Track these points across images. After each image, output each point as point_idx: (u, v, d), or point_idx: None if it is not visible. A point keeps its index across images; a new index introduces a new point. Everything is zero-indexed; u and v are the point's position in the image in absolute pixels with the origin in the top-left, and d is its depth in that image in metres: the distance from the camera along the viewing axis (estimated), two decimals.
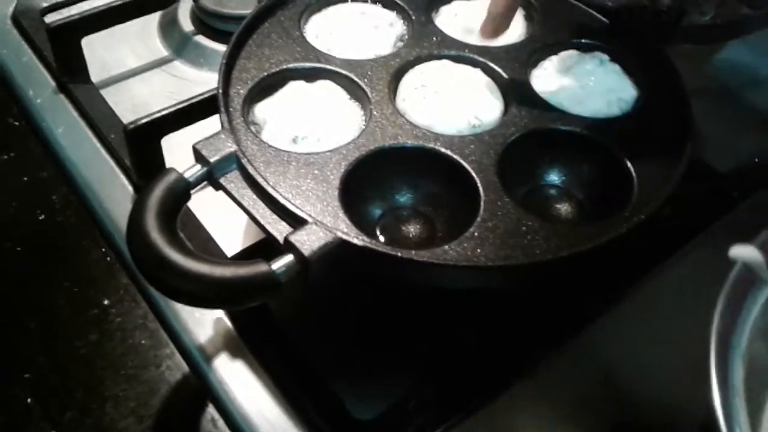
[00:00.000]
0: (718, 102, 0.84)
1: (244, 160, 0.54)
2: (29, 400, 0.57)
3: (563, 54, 0.68)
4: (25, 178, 0.73)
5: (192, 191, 0.55)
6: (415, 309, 0.59)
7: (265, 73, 0.64)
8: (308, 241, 0.50)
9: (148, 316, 0.62)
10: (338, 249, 0.50)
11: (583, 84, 0.65)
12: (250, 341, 0.59)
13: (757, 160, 0.75)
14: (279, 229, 0.52)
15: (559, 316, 0.59)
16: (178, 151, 0.68)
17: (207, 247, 0.65)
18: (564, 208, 0.61)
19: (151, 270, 0.49)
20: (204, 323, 0.60)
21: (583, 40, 0.69)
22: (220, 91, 0.60)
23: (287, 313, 0.60)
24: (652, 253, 0.62)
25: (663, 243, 0.63)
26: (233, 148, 0.55)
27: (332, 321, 0.61)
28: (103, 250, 0.67)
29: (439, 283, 0.53)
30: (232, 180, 0.55)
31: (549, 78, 0.66)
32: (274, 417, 0.55)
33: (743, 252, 0.49)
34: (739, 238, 0.64)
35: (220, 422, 0.56)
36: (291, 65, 0.65)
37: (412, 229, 0.60)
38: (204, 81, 0.83)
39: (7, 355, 0.59)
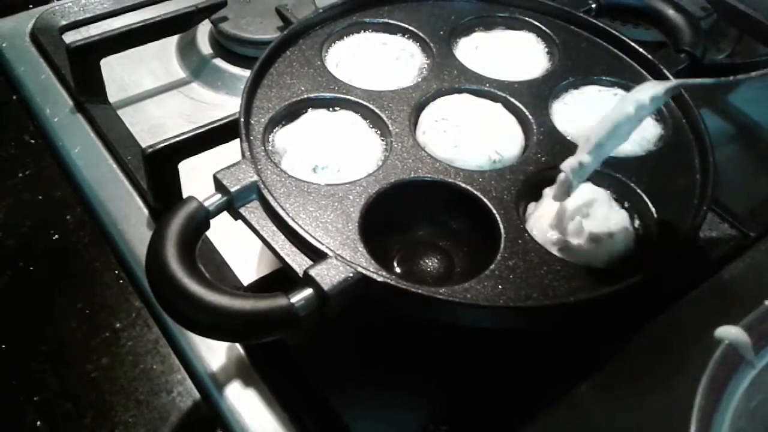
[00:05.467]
0: (734, 140, 0.84)
1: (264, 191, 0.54)
2: (39, 423, 0.56)
3: (584, 89, 0.69)
4: (40, 197, 0.73)
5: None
6: (429, 343, 0.59)
7: (286, 102, 0.64)
8: (328, 275, 0.49)
9: (160, 341, 0.62)
10: (358, 284, 0.50)
11: None
12: (263, 369, 0.59)
13: None
14: (298, 262, 0.52)
15: (573, 356, 0.58)
16: (192, 175, 0.68)
17: (221, 273, 0.64)
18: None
19: (170, 301, 0.49)
20: (216, 350, 0.60)
21: (603, 77, 0.69)
22: (242, 119, 0.60)
23: (301, 342, 0.60)
24: (663, 297, 0.62)
25: (676, 285, 0.63)
26: (254, 178, 0.55)
27: (346, 351, 0.61)
28: (117, 272, 0.66)
29: (459, 320, 0.52)
30: (252, 210, 0.55)
31: (569, 113, 0.66)
32: None
33: (729, 332, 0.48)
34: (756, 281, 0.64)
35: None
36: (312, 94, 0.65)
37: (430, 263, 0.60)
38: (221, 104, 0.84)
39: (18, 377, 0.59)
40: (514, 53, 0.72)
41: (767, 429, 0.50)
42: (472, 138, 0.62)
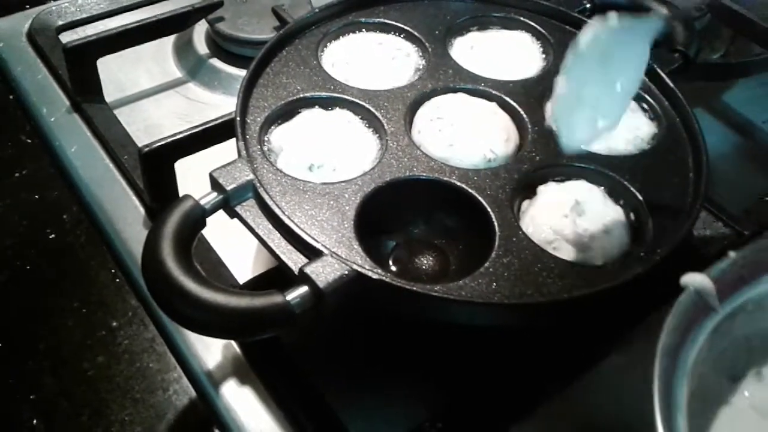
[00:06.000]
0: (728, 139, 0.85)
1: (260, 190, 0.54)
2: (35, 421, 0.57)
3: None
4: (37, 197, 0.73)
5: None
6: (425, 341, 0.59)
7: (282, 101, 0.64)
8: (323, 273, 0.50)
9: (157, 339, 0.62)
10: (353, 281, 0.50)
11: None
12: (259, 367, 0.59)
13: None
14: (294, 260, 0.52)
15: (568, 354, 0.59)
16: (189, 174, 0.68)
17: (218, 271, 0.65)
18: None
19: (166, 298, 0.49)
20: (212, 348, 0.60)
21: None
22: (238, 118, 0.60)
23: (297, 340, 0.60)
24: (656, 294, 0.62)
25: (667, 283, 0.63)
26: (250, 176, 0.55)
27: (342, 349, 0.61)
28: (113, 271, 0.67)
29: (453, 318, 0.52)
30: (248, 209, 0.55)
31: None
32: None
33: (694, 279, 0.48)
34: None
35: None
36: (308, 94, 0.65)
37: (425, 261, 0.60)
38: (217, 104, 0.84)
39: (15, 375, 0.59)
40: (509, 53, 0.72)
41: (730, 376, 0.51)
42: (467, 137, 0.62)
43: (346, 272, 0.50)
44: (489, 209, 0.57)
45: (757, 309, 0.52)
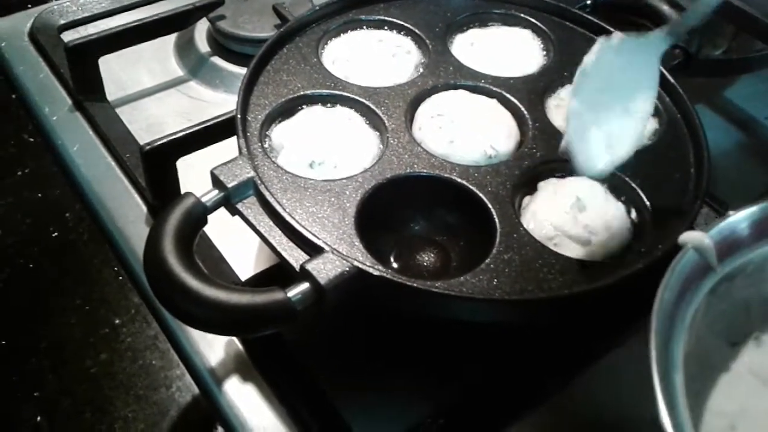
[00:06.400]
0: (730, 135, 0.85)
1: (261, 187, 0.55)
2: (39, 418, 0.57)
3: None
4: (39, 195, 0.73)
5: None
6: (427, 337, 0.59)
7: (283, 99, 0.64)
8: (325, 269, 0.50)
9: (159, 337, 0.62)
10: (354, 278, 0.50)
11: None
12: (261, 364, 0.59)
13: None
14: (295, 257, 0.52)
15: (569, 351, 0.59)
16: (191, 172, 0.68)
17: (219, 268, 0.65)
18: None
19: (167, 295, 0.49)
20: (215, 345, 0.60)
21: None
22: (239, 116, 0.60)
23: (299, 337, 0.60)
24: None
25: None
26: (251, 173, 0.55)
27: (344, 346, 0.61)
28: (115, 268, 0.67)
29: (454, 314, 0.53)
30: (249, 206, 0.55)
31: (564, 109, 0.66)
32: None
33: (693, 237, 0.47)
34: None
35: None
36: (308, 91, 0.66)
37: (427, 258, 0.60)
38: (219, 102, 0.84)
39: (18, 373, 0.59)
40: (509, 49, 0.73)
41: (729, 340, 0.50)
42: (467, 133, 0.63)
43: (347, 269, 0.50)
44: (490, 205, 0.57)
45: (757, 272, 0.50)
